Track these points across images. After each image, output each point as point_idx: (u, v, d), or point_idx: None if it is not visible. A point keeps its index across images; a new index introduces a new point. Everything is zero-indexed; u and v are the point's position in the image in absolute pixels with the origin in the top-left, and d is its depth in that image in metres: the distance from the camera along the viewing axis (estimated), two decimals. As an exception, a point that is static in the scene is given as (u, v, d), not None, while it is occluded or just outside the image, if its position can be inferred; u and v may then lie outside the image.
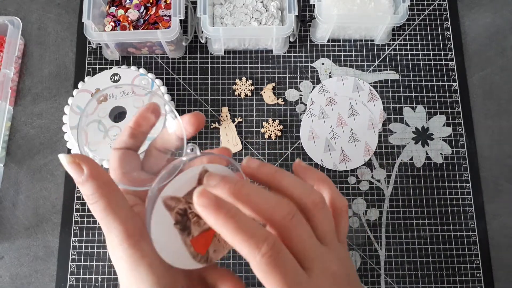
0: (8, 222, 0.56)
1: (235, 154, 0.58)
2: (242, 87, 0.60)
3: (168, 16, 0.60)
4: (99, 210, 0.27)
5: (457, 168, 0.58)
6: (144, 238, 0.27)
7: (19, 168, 0.58)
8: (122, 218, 0.27)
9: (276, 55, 0.62)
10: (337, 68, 0.62)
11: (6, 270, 0.55)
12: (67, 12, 0.64)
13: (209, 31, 0.55)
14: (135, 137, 0.32)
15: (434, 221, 0.56)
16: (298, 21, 0.63)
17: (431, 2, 0.64)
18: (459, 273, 0.55)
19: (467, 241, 0.56)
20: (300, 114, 0.60)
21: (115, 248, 0.27)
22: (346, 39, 0.63)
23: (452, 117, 0.60)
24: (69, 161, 0.26)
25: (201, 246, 0.35)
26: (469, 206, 0.57)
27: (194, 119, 0.31)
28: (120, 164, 0.31)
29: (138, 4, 0.60)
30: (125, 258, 0.27)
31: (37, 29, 0.64)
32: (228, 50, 0.62)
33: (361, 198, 0.57)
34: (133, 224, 0.27)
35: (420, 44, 0.63)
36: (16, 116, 0.60)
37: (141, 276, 0.28)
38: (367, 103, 0.60)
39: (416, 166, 0.58)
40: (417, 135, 0.59)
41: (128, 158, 0.31)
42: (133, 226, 0.27)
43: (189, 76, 0.61)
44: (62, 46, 0.63)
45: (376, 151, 0.59)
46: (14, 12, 0.64)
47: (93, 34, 0.55)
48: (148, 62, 0.62)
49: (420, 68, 0.62)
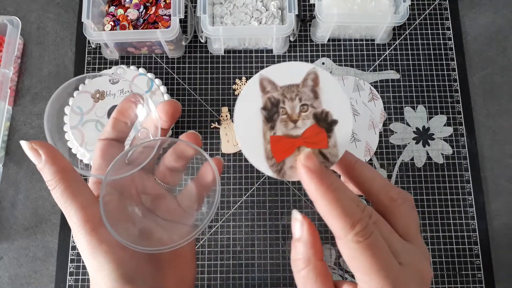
0: (7, 223, 0.56)
1: (235, 154, 0.58)
2: (242, 87, 0.60)
3: (168, 15, 0.60)
4: (58, 195, 0.27)
5: (458, 168, 0.58)
6: (103, 224, 0.27)
7: (18, 168, 0.58)
8: (81, 204, 0.27)
9: (276, 55, 0.62)
10: (338, 67, 0.62)
11: (5, 270, 0.55)
12: (66, 11, 0.64)
13: (209, 30, 0.55)
14: (118, 128, 0.32)
15: (435, 221, 0.56)
16: (298, 21, 0.63)
17: (432, 1, 0.64)
18: (460, 274, 0.55)
19: (468, 242, 0.56)
20: (300, 114, 0.60)
21: (75, 234, 0.27)
22: (347, 38, 0.63)
23: (453, 117, 0.60)
24: (28, 147, 0.27)
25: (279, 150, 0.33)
26: (470, 206, 0.57)
27: (168, 107, 0.31)
28: (102, 154, 0.31)
29: (138, 4, 0.60)
30: (85, 245, 0.27)
31: (37, 28, 0.64)
32: (228, 50, 0.62)
33: (362, 198, 0.57)
34: (92, 210, 0.27)
35: (420, 43, 0.62)
36: (15, 116, 0.60)
37: (100, 262, 0.27)
38: (368, 103, 0.60)
39: (417, 166, 0.58)
40: (417, 135, 0.59)
41: (112, 149, 0.31)
42: (92, 212, 0.27)
43: (188, 75, 0.61)
44: (61, 46, 0.63)
45: (377, 151, 0.58)
46: (14, 11, 0.64)
47: (92, 34, 0.55)
48: (148, 62, 0.62)
49: (421, 67, 0.62)
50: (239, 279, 0.54)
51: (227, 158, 0.57)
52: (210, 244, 0.54)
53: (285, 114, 0.33)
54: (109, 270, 0.27)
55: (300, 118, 0.34)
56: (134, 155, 0.31)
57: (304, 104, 0.35)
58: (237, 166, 0.57)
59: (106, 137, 0.32)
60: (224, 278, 0.54)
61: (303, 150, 0.25)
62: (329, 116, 0.34)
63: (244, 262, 0.54)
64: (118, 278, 0.28)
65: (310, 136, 0.34)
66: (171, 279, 0.32)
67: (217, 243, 0.54)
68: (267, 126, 0.32)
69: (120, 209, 0.30)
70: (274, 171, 0.31)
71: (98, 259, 0.27)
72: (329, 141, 0.34)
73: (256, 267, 0.54)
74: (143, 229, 0.31)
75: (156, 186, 0.33)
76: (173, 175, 0.34)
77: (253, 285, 0.53)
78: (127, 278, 0.28)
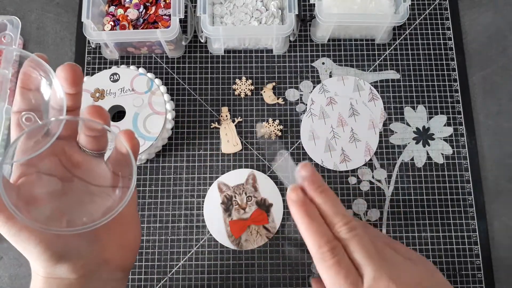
0: (7, 223, 0.56)
1: (235, 154, 0.58)
2: (242, 87, 0.60)
3: (168, 15, 0.60)
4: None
5: (458, 168, 0.58)
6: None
7: (18, 168, 0.58)
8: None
9: (276, 55, 0.62)
10: (338, 67, 0.62)
11: (5, 270, 0.55)
12: (66, 11, 0.64)
13: (209, 30, 0.55)
14: (26, 97, 0.30)
15: (435, 221, 0.56)
16: (298, 21, 0.63)
17: (432, 1, 0.64)
18: (460, 274, 0.55)
19: (468, 242, 0.56)
20: (301, 114, 0.60)
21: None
22: (347, 38, 0.63)
23: (453, 117, 0.60)
24: None
25: (236, 230, 0.50)
26: (470, 206, 0.57)
27: (66, 72, 0.29)
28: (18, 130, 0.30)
29: (138, 4, 0.60)
30: (6, 234, 0.27)
31: (36, 28, 0.64)
32: (228, 50, 0.62)
33: (362, 198, 0.57)
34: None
35: (420, 43, 0.62)
36: (15, 116, 0.60)
37: (27, 248, 0.28)
38: (368, 103, 0.60)
39: (417, 166, 0.58)
40: (418, 135, 0.59)
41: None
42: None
43: (188, 75, 0.61)
44: (61, 46, 0.63)
45: (377, 151, 0.58)
46: (13, 11, 0.64)
47: (92, 34, 0.55)
48: (148, 62, 0.62)
49: (421, 67, 0.62)
50: (239, 279, 0.53)
51: (227, 158, 0.57)
52: (210, 244, 0.54)
53: (237, 205, 0.51)
54: (37, 253, 0.28)
55: (247, 206, 0.52)
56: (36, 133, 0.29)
57: (249, 196, 0.52)
58: (237, 166, 0.57)
59: (18, 108, 0.30)
60: (224, 278, 0.54)
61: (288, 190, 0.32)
62: (267, 201, 0.52)
63: (244, 262, 0.54)
64: (48, 258, 0.28)
65: (255, 217, 0.52)
66: (111, 247, 0.32)
67: (217, 243, 0.54)
68: (226, 214, 0.51)
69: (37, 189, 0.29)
70: (234, 244, 0.50)
71: (23, 245, 0.27)
72: (269, 218, 0.52)
73: (256, 267, 0.54)
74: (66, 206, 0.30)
75: (82, 154, 0.32)
76: (97, 140, 0.32)
77: (253, 285, 0.53)
78: (57, 256, 0.28)
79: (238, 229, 0.51)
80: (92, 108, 0.30)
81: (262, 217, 0.52)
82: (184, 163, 0.58)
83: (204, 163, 0.57)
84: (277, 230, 0.52)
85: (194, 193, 0.56)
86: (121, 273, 0.33)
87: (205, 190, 0.56)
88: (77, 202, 0.31)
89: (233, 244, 0.48)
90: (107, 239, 0.32)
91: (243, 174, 0.53)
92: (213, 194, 0.52)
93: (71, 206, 0.31)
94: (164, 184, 0.57)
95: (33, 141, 0.29)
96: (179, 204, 0.56)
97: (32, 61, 0.29)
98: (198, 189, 0.56)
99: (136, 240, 0.34)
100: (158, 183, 0.57)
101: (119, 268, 0.33)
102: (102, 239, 0.31)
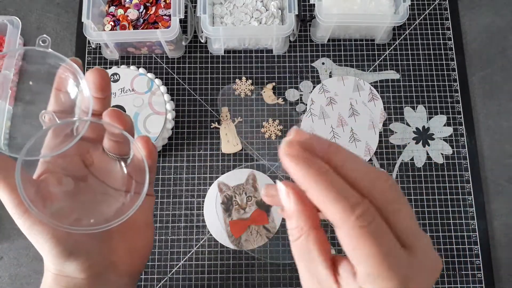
0: (8, 222, 0.56)
1: (235, 154, 0.58)
2: (242, 87, 0.60)
3: (168, 15, 0.60)
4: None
5: (458, 168, 0.58)
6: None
7: (18, 168, 0.58)
8: (12, 187, 0.27)
9: (276, 55, 0.62)
10: (338, 67, 0.62)
11: (5, 270, 0.55)
12: (66, 11, 0.64)
13: (209, 30, 0.55)
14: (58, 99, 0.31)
15: (435, 221, 0.56)
16: (298, 21, 0.63)
17: (432, 1, 0.64)
18: (460, 274, 0.55)
19: (467, 241, 0.56)
20: (300, 114, 0.60)
21: (13, 217, 0.28)
22: (347, 38, 0.63)
23: (452, 117, 0.60)
24: None
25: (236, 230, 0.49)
26: (470, 206, 0.57)
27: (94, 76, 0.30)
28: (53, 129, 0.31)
29: (138, 4, 0.60)
30: (21, 227, 0.28)
31: (37, 28, 0.64)
32: (228, 50, 0.62)
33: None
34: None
35: (420, 43, 0.62)
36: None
37: (39, 242, 0.28)
38: (368, 103, 0.60)
39: (417, 166, 0.58)
40: (417, 135, 0.59)
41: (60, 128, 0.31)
42: None
43: (189, 76, 0.61)
44: (61, 46, 0.63)
45: (377, 151, 0.58)
46: (14, 12, 0.64)
47: (92, 34, 0.55)
48: (148, 62, 0.62)
49: (421, 67, 0.62)
50: (239, 279, 0.54)
51: (227, 158, 0.57)
52: (210, 244, 0.54)
53: (237, 205, 0.51)
54: (48, 248, 0.28)
55: (247, 206, 0.52)
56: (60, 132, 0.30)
57: (249, 196, 0.52)
58: (237, 166, 0.57)
59: (52, 109, 0.31)
60: (224, 278, 0.54)
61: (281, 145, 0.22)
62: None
63: (244, 262, 0.54)
64: (58, 254, 0.29)
65: (255, 217, 0.52)
66: (121, 250, 0.32)
67: (217, 243, 0.54)
68: (226, 214, 0.50)
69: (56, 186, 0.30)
70: (234, 244, 0.49)
71: (36, 238, 0.28)
72: (269, 218, 0.52)
73: (256, 267, 0.54)
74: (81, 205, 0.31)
75: (105, 157, 0.33)
76: (119, 145, 0.33)
77: (253, 285, 0.53)
78: (67, 253, 0.29)
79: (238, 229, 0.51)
80: (111, 111, 0.30)
81: (262, 217, 0.52)
82: (184, 163, 0.58)
83: (204, 163, 0.57)
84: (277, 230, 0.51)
85: (194, 193, 0.56)
86: (129, 279, 0.33)
87: (205, 190, 0.56)
88: (92, 203, 0.32)
89: (233, 244, 0.47)
90: (116, 242, 0.32)
91: (243, 174, 0.53)
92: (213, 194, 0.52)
93: (85, 206, 0.31)
94: (164, 184, 0.57)
95: (59, 140, 0.30)
96: (179, 204, 0.56)
97: (67, 65, 0.31)
98: (198, 189, 0.56)
99: (146, 248, 0.34)
100: (158, 183, 0.57)
101: (126, 274, 0.33)
102: (112, 242, 0.32)
